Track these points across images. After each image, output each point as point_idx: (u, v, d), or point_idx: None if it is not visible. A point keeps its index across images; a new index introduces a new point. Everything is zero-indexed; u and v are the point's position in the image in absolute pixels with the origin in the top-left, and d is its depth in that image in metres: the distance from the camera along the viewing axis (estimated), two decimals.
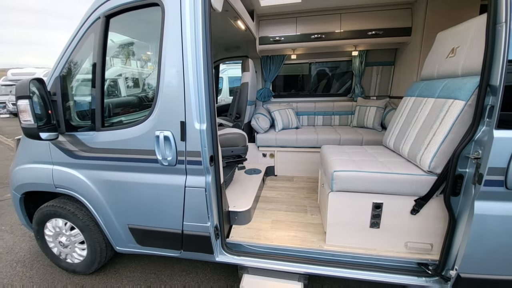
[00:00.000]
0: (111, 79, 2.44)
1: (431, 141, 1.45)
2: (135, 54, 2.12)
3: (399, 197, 1.55)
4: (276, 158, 3.11)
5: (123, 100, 2.12)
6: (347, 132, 2.92)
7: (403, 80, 3.02)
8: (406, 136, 1.74)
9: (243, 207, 2.00)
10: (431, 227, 1.56)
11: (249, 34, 2.85)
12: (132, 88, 2.45)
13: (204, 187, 1.55)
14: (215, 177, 1.62)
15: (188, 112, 1.45)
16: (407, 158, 1.69)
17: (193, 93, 1.42)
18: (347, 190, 1.59)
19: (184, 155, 1.53)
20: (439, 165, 1.42)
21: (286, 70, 3.95)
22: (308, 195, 2.55)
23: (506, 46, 1.05)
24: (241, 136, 2.15)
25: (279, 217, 2.11)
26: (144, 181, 1.66)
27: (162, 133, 1.50)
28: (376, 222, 1.62)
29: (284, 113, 3.27)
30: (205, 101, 1.44)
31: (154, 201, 1.68)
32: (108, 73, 2.27)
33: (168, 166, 1.57)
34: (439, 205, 1.51)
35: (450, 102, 1.41)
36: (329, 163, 1.74)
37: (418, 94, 1.79)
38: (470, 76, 1.40)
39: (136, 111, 1.86)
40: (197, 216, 1.63)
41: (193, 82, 1.42)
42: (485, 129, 1.23)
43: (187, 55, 1.40)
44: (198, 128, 1.45)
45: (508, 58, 1.05)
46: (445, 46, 1.68)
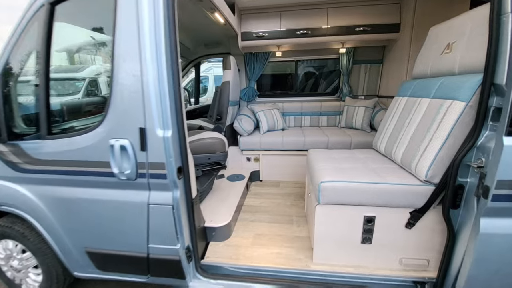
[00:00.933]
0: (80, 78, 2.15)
1: (428, 147, 1.29)
2: (92, 49, 1.85)
3: (392, 210, 1.38)
4: (261, 162, 2.91)
5: (78, 103, 1.84)
6: (335, 134, 2.76)
7: (392, 79, 2.90)
8: (398, 140, 1.58)
9: (221, 221, 1.78)
10: (427, 241, 1.41)
11: (230, 29, 2.63)
12: (92, 89, 2.17)
13: (171, 204, 1.32)
14: (185, 191, 1.39)
15: (149, 117, 1.21)
16: (400, 164, 1.54)
17: (153, 94, 1.19)
18: (336, 203, 1.40)
19: (145, 168, 1.29)
20: (437, 174, 1.26)
21: (271, 68, 3.76)
22: (295, 202, 2.37)
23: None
24: (219, 142, 1.93)
25: (263, 230, 1.91)
26: (100, 198, 1.41)
27: (118, 141, 1.26)
28: (368, 237, 1.45)
29: (269, 114, 3.07)
30: (169, 103, 1.21)
31: (113, 221, 1.43)
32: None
33: (127, 181, 1.32)
34: (436, 218, 1.36)
35: (448, 103, 1.25)
36: (316, 171, 1.55)
37: (411, 94, 1.63)
38: (469, 74, 1.25)
39: (92, 115, 1.59)
40: (164, 237, 1.40)
41: (154, 81, 1.18)
42: (489, 134, 1.08)
43: (145, 48, 1.16)
44: (161, 135, 1.22)
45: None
46: (439, 42, 1.53)
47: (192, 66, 3.65)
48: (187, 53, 3.42)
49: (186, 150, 1.34)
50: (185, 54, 3.41)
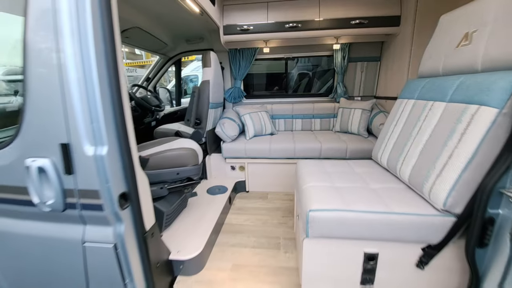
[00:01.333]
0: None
1: (447, 166, 1.00)
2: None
3: (401, 245, 1.09)
4: (247, 171, 2.59)
5: None
6: (329, 140, 2.46)
7: (391, 79, 2.62)
8: (405, 153, 1.29)
9: (192, 251, 1.46)
10: (442, 282, 1.12)
11: (210, 22, 2.30)
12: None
13: (113, 243, 1.00)
14: (135, 224, 1.07)
15: (73, 129, 0.89)
16: (408, 184, 1.24)
17: (77, 97, 0.87)
18: (329, 236, 1.10)
19: (75, 196, 0.97)
20: (459, 202, 0.97)
21: (259, 67, 3.45)
22: (283, 219, 2.07)
23: None
24: (189, 152, 1.61)
25: (243, 259, 1.60)
26: (21, 231, 1.09)
27: (35, 162, 0.93)
28: (369, 278, 1.15)
29: (256, 117, 2.76)
30: (102, 110, 0.89)
31: (40, 261, 1.11)
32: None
33: (53, 212, 1.00)
34: (453, 254, 1.07)
35: (473, 109, 0.96)
36: (304, 193, 1.25)
37: (420, 96, 1.34)
38: (498, 70, 0.97)
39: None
40: (108, 283, 1.08)
41: (77, 80, 0.86)
42: None
43: (63, 37, 0.84)
44: (92, 153, 0.90)
45: None
46: (453, 32, 1.24)
47: (171, 64, 3.31)
48: (165, 50, 3.08)
49: (133, 170, 1.02)
50: (163, 51, 3.07)
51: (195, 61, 8.65)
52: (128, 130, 0.97)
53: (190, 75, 7.59)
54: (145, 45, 2.89)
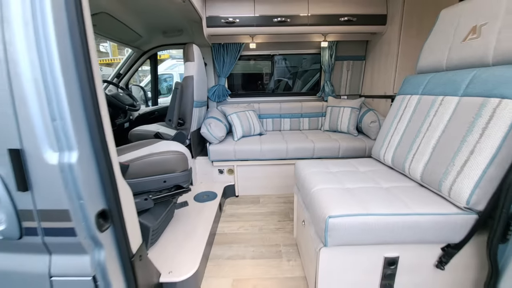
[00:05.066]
0: None
1: (468, 162, 0.95)
2: None
3: (421, 246, 1.03)
4: (236, 175, 2.42)
5: None
6: (321, 139, 2.40)
7: (377, 77, 2.65)
8: (414, 150, 1.24)
9: (185, 271, 1.25)
10: (458, 280, 1.09)
11: (192, 11, 2.09)
12: None
13: (91, 274, 0.78)
14: (119, 247, 0.85)
15: (26, 129, 0.66)
16: (421, 182, 1.19)
17: (30, 83, 0.64)
18: (349, 244, 0.99)
19: (35, 219, 0.73)
20: (482, 198, 0.92)
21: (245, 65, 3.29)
22: (280, 224, 1.94)
23: None
24: (178, 156, 1.40)
25: (244, 272, 1.43)
26: None
27: None
28: (388, 284, 1.07)
29: (243, 117, 2.60)
30: (66, 99, 0.66)
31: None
32: None
33: (6, 241, 0.74)
34: (471, 251, 1.03)
35: (495, 102, 0.92)
36: (316, 197, 1.13)
37: (426, 91, 1.31)
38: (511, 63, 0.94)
39: None
40: None
41: (32, 66, 0.63)
42: None
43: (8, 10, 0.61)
44: (56, 161, 0.67)
45: None
46: (458, 26, 1.23)
47: (146, 59, 3.00)
48: (139, 43, 2.77)
49: (114, 180, 0.80)
50: (135, 43, 2.76)
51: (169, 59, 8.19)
52: (105, 129, 0.76)
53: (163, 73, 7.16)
54: (114, 35, 2.55)
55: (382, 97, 2.50)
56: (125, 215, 0.86)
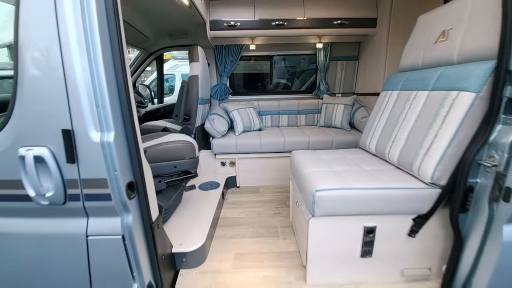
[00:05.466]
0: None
1: (433, 145, 1.14)
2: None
3: (394, 217, 1.21)
4: (237, 167, 2.60)
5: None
6: (316, 133, 2.59)
7: (368, 76, 2.84)
8: (393, 138, 1.42)
9: (193, 244, 1.44)
10: (429, 248, 1.27)
11: (197, 15, 2.28)
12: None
13: (121, 234, 0.96)
14: (142, 214, 1.04)
15: (77, 114, 0.84)
16: (397, 165, 1.38)
17: (81, 79, 0.82)
18: (333, 214, 1.18)
19: (78, 186, 0.91)
20: (444, 175, 1.11)
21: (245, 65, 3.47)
22: (278, 210, 2.12)
23: None
24: (187, 145, 1.58)
25: (244, 248, 1.62)
26: (14, 230, 0.99)
27: (31, 151, 0.86)
28: (368, 250, 1.25)
29: (244, 113, 2.79)
30: (107, 92, 0.85)
31: (37, 261, 1.02)
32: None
33: (52, 206, 0.93)
34: (438, 222, 1.22)
35: (454, 94, 1.11)
36: (307, 177, 1.31)
37: (403, 87, 1.49)
38: (472, 62, 1.12)
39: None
40: (115, 278, 1.03)
41: (81, 58, 0.82)
42: (503, 128, 0.95)
43: (63, 15, 0.79)
44: (99, 140, 0.86)
45: None
46: (431, 30, 1.41)
47: (153, 59, 3.19)
48: (146, 44, 2.96)
49: (140, 158, 0.99)
50: (144, 45, 2.95)
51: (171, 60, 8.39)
52: (133, 117, 0.95)
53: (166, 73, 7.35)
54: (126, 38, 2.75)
55: (373, 95, 2.69)
56: (147, 188, 1.04)
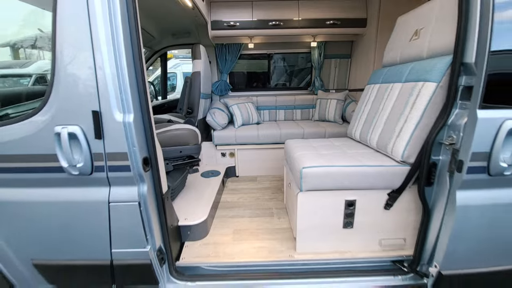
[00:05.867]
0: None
1: (403, 129, 1.32)
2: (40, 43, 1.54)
3: (372, 192, 1.39)
4: (236, 157, 2.79)
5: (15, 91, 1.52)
6: (310, 126, 2.78)
7: (360, 73, 3.02)
8: (373, 126, 1.61)
9: (197, 218, 1.63)
10: (403, 221, 1.45)
11: (199, 16, 2.47)
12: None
13: (137, 201, 1.15)
14: (154, 186, 1.23)
15: (104, 98, 1.03)
16: (376, 148, 1.56)
17: (108, 69, 1.01)
18: (318, 189, 1.37)
19: (103, 159, 1.10)
20: (412, 154, 1.29)
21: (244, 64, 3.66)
22: (274, 195, 2.31)
23: (486, 17, 0.92)
24: (191, 133, 1.77)
25: (242, 225, 1.80)
26: (47, 199, 1.18)
27: (66, 129, 1.05)
28: (349, 222, 1.44)
29: (243, 108, 2.97)
30: (129, 81, 1.04)
31: (66, 225, 1.21)
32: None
33: (81, 176, 1.12)
34: (410, 197, 1.40)
35: (420, 85, 1.29)
36: (296, 159, 1.50)
37: (383, 80, 1.68)
38: (437, 57, 1.31)
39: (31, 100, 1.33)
40: (131, 239, 1.22)
41: (108, 53, 1.00)
42: (459, 112, 1.13)
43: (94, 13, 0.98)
44: (121, 120, 1.05)
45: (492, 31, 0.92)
46: (407, 30, 1.59)
47: (157, 57, 3.38)
48: (152, 43, 3.15)
49: (153, 138, 1.18)
50: (149, 43, 3.14)
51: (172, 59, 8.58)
52: (148, 102, 1.13)
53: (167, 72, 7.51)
54: None
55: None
56: (159, 164, 1.23)
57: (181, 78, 7.43)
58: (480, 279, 1.21)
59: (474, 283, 1.24)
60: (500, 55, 0.93)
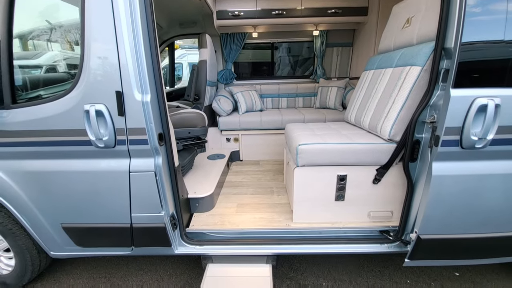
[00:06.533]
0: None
1: (391, 109, 1.45)
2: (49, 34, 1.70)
3: (362, 168, 1.54)
4: (240, 142, 2.96)
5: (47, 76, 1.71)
6: (311, 113, 2.90)
7: (361, 61, 3.10)
8: (366, 109, 1.73)
9: (204, 192, 1.82)
10: (391, 195, 1.59)
11: (205, 7, 2.59)
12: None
13: (154, 171, 1.33)
14: (168, 159, 1.41)
15: (126, 80, 1.19)
16: (368, 129, 1.69)
17: (129, 56, 1.17)
18: (313, 164, 1.52)
19: (124, 134, 1.28)
20: (398, 132, 1.42)
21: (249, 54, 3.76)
22: (275, 176, 2.48)
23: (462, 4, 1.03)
24: (198, 116, 1.94)
25: (245, 201, 1.99)
26: (76, 169, 1.37)
27: (94, 107, 1.22)
28: (341, 195, 1.59)
29: (247, 95, 3.11)
30: (146, 67, 1.20)
31: (92, 192, 1.40)
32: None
33: (105, 149, 1.30)
34: (397, 173, 1.53)
35: (407, 69, 1.41)
36: (294, 138, 1.65)
37: (377, 66, 1.79)
38: (424, 43, 1.41)
39: (62, 82, 1.50)
40: (148, 205, 1.41)
41: (129, 42, 1.16)
42: (440, 93, 1.25)
43: (117, 8, 1.13)
44: (140, 99, 1.21)
45: (465, 17, 1.03)
46: (400, 18, 1.69)
47: (165, 47, 3.52)
48: (160, 33, 3.29)
49: (166, 116, 1.34)
50: (158, 33, 3.27)
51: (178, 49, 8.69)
52: (162, 85, 1.29)
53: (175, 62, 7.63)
54: None
55: None
56: (171, 140, 1.40)
57: (187, 68, 7.55)
58: (455, 244, 1.36)
59: (450, 248, 1.39)
60: (471, 44, 1.05)
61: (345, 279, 1.71)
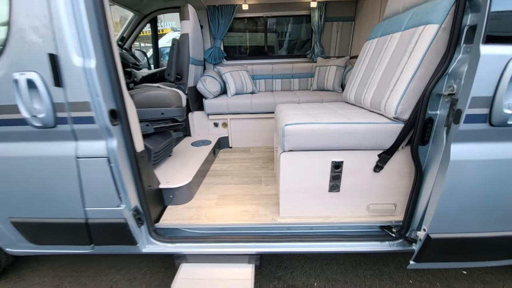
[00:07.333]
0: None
1: (398, 81, 1.18)
2: None
3: (361, 153, 1.29)
4: (229, 128, 2.70)
5: None
6: (307, 95, 2.63)
7: (364, 37, 2.78)
8: (368, 84, 1.46)
9: (180, 182, 1.58)
10: (394, 185, 1.36)
11: None
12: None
13: (106, 156, 1.09)
14: (125, 142, 1.16)
15: (60, 39, 0.92)
16: (370, 108, 1.43)
17: (63, 6, 0.89)
18: (302, 149, 1.27)
19: (66, 110, 1.02)
20: (407, 108, 1.16)
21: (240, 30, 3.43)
22: (265, 165, 2.24)
23: None
24: (173, 94, 1.67)
25: (228, 191, 1.76)
26: (15, 154, 1.13)
27: (24, 75, 0.96)
28: (335, 185, 1.36)
29: (237, 76, 2.82)
30: (88, 21, 0.92)
31: (37, 182, 1.17)
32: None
33: (44, 129, 1.05)
34: (403, 160, 1.29)
35: (421, 29, 1.13)
36: (281, 118, 1.39)
37: (382, 33, 1.50)
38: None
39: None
40: (104, 198, 1.18)
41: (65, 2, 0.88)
42: (462, 58, 0.99)
43: None
44: (81, 65, 0.95)
45: None
46: None
47: (147, 22, 3.18)
48: (140, 6, 2.95)
49: (121, 88, 1.08)
50: (137, 7, 2.94)
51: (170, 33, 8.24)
52: (113, 46, 1.02)
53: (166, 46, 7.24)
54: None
55: None
56: (130, 119, 1.15)
57: None
58: (473, 245, 1.13)
59: (465, 250, 1.16)
60: None
61: (340, 278, 1.51)
